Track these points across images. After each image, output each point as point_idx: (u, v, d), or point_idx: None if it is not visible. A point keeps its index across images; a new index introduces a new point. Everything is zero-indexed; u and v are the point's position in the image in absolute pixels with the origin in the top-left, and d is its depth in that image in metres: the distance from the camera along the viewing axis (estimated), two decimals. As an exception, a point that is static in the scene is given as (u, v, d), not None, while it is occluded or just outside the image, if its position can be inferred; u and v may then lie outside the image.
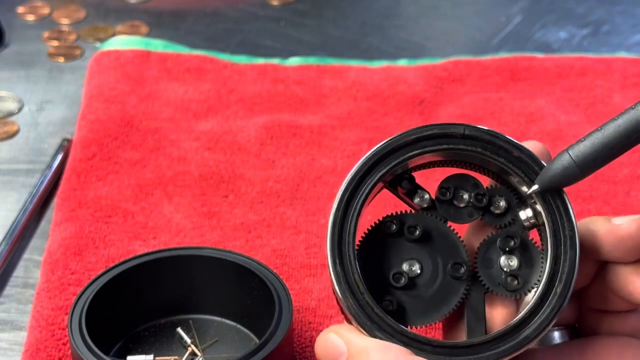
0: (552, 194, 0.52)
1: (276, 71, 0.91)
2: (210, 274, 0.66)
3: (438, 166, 0.54)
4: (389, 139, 0.52)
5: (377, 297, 0.51)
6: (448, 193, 0.53)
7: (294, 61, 0.93)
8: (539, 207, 0.53)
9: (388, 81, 0.89)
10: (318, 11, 1.04)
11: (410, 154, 0.52)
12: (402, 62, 0.93)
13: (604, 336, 0.55)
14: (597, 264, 0.54)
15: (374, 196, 0.53)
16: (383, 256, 0.53)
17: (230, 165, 0.80)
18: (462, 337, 0.54)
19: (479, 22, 1.03)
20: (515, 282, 0.53)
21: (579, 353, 0.54)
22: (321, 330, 0.66)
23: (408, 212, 0.54)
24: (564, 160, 0.51)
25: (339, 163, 0.81)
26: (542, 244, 0.54)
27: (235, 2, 1.05)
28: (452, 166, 0.55)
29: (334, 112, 0.86)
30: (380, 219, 0.53)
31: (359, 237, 0.52)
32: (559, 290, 0.51)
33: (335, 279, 0.51)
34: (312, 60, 0.93)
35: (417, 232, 0.53)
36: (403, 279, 0.52)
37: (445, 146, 0.53)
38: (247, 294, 0.65)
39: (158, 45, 0.94)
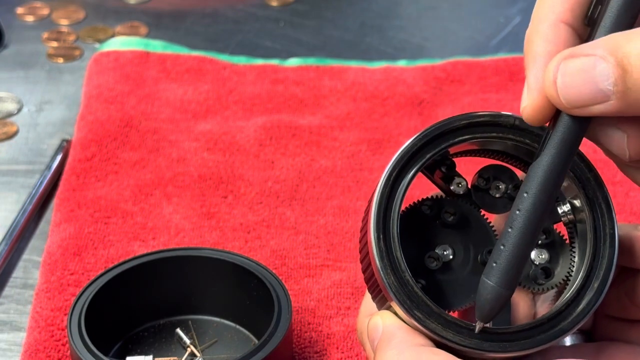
0: (595, 191, 0.52)
1: (275, 72, 0.91)
2: (210, 275, 0.66)
3: (477, 155, 0.55)
4: (439, 122, 0.52)
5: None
6: (485, 182, 0.54)
7: (293, 62, 0.93)
8: (578, 203, 0.53)
9: (387, 82, 0.89)
10: (317, 12, 1.04)
11: (460, 137, 0.52)
12: (401, 63, 0.93)
13: (617, 342, 0.55)
14: (617, 270, 0.53)
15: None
16: (416, 238, 0.53)
17: (229, 166, 0.80)
18: None
19: (478, 23, 1.03)
20: (544, 276, 0.53)
21: (592, 355, 0.54)
22: (320, 331, 0.67)
23: (444, 197, 0.54)
24: (489, 289, 0.49)
25: (338, 164, 0.81)
26: (571, 241, 0.54)
27: (234, 2, 1.05)
28: (489, 157, 0.55)
29: (333, 112, 0.86)
30: (417, 201, 0.53)
31: None
32: (595, 285, 0.51)
33: (378, 255, 0.50)
34: (311, 61, 0.93)
35: (453, 217, 0.53)
36: (435, 262, 0.53)
37: (494, 134, 0.53)
38: (246, 294, 0.65)
39: (157, 46, 0.94)
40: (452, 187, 0.54)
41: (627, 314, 0.54)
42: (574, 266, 0.54)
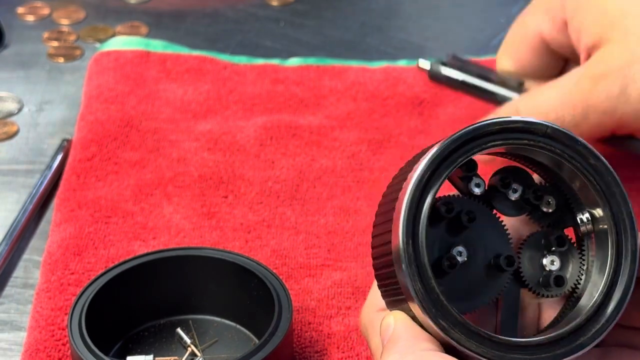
0: (619, 206, 0.52)
1: (276, 72, 0.91)
2: (210, 275, 0.66)
3: (501, 156, 0.55)
4: (472, 125, 0.51)
5: None
6: (502, 184, 0.54)
7: (293, 62, 0.93)
8: (597, 214, 0.53)
9: (387, 82, 0.89)
10: (318, 12, 1.04)
11: (492, 143, 0.52)
12: (402, 63, 0.93)
13: (623, 348, 0.55)
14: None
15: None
16: (431, 239, 0.52)
17: (229, 166, 0.80)
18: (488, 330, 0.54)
19: (479, 22, 1.03)
20: (555, 283, 0.53)
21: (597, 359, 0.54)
22: (321, 331, 0.67)
23: (459, 197, 0.54)
24: None
25: (338, 163, 0.81)
26: (581, 249, 0.54)
27: (234, 2, 1.05)
28: (512, 159, 0.55)
29: (334, 112, 0.86)
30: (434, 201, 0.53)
31: None
32: (615, 301, 0.51)
33: (406, 261, 0.49)
34: (311, 61, 0.93)
35: (468, 218, 0.52)
36: (450, 263, 0.52)
37: (525, 141, 0.52)
38: (246, 294, 0.65)
39: (158, 46, 0.94)
40: (470, 187, 0.53)
41: (634, 322, 0.54)
42: (582, 275, 0.54)
